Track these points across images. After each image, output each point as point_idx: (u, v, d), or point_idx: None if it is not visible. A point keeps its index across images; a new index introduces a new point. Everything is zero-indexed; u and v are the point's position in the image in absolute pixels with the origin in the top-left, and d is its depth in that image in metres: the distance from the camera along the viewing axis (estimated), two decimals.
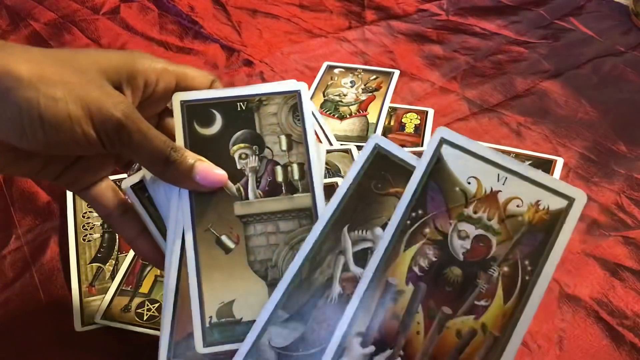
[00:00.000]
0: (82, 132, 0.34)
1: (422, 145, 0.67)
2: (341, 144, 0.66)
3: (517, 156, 0.65)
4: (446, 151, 0.31)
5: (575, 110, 0.72)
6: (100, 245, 0.55)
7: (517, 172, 0.31)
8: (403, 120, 0.71)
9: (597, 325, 0.50)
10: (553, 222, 0.30)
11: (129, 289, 0.52)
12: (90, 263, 0.54)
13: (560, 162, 0.64)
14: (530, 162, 0.64)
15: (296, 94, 0.41)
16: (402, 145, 0.67)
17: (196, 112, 0.39)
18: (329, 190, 0.60)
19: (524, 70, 0.79)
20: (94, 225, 0.57)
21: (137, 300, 0.51)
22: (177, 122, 0.39)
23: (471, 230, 0.31)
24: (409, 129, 0.69)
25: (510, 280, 0.30)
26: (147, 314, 0.50)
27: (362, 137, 0.68)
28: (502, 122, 0.70)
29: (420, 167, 0.32)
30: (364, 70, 0.79)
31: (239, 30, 0.88)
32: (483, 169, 0.31)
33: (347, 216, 0.34)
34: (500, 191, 0.31)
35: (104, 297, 0.51)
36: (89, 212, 0.58)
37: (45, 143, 0.34)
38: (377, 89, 0.75)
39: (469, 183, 0.31)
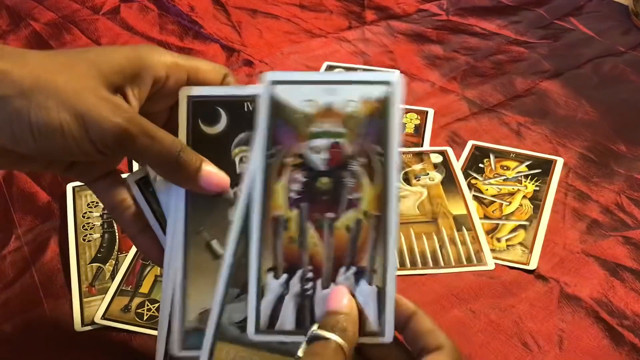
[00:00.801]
0: (74, 142, 0.33)
1: (422, 146, 0.67)
2: None
3: (517, 156, 0.65)
4: (278, 89, 0.36)
5: (575, 110, 0.72)
6: (100, 245, 0.55)
7: (340, 80, 0.36)
8: (403, 120, 0.71)
9: (597, 325, 0.50)
10: (384, 106, 0.35)
11: (129, 289, 0.52)
12: (90, 263, 0.54)
13: (560, 162, 0.64)
14: (530, 162, 0.64)
15: None
16: (402, 145, 0.68)
17: (202, 109, 0.38)
18: None
19: (524, 70, 0.79)
20: (94, 225, 0.57)
21: (137, 300, 0.51)
22: (181, 118, 0.38)
23: (322, 142, 0.35)
24: (409, 129, 0.69)
25: (369, 167, 0.35)
26: (147, 314, 0.50)
27: None
28: (502, 122, 0.70)
29: (262, 111, 0.35)
30: (364, 70, 0.79)
31: (239, 30, 0.88)
32: (313, 90, 0.36)
33: None
34: (333, 101, 0.35)
35: (104, 297, 0.51)
36: (89, 212, 0.58)
37: (38, 150, 0.33)
38: None
39: (306, 106, 0.35)
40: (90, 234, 0.56)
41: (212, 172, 0.37)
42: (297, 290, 0.35)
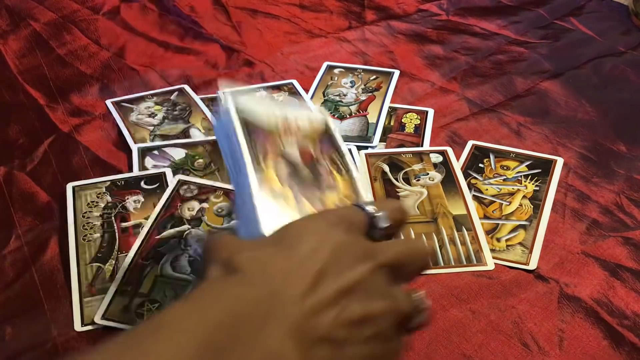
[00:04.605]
0: None
1: (422, 145, 0.67)
2: None
3: (517, 156, 0.65)
4: (242, 103, 0.41)
5: (575, 110, 0.72)
6: (100, 245, 0.55)
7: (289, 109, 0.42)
8: (403, 120, 0.70)
9: (597, 325, 0.50)
10: (326, 128, 0.43)
11: (129, 289, 0.52)
12: (90, 263, 0.54)
13: (560, 162, 0.64)
14: (530, 162, 0.64)
15: None
16: (402, 145, 0.68)
17: None
18: None
19: (524, 70, 0.79)
20: (94, 225, 0.57)
21: (137, 301, 0.51)
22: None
23: (294, 151, 0.41)
24: (409, 129, 0.69)
25: (334, 163, 0.42)
26: (147, 314, 0.50)
27: (362, 137, 0.68)
28: (502, 122, 0.70)
29: (237, 127, 0.40)
30: (364, 70, 0.79)
31: (239, 30, 0.88)
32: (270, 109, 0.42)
33: None
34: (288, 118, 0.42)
35: (104, 297, 0.51)
36: (89, 212, 0.58)
37: None
38: (377, 89, 0.75)
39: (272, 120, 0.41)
40: (90, 234, 0.56)
41: None
42: None
